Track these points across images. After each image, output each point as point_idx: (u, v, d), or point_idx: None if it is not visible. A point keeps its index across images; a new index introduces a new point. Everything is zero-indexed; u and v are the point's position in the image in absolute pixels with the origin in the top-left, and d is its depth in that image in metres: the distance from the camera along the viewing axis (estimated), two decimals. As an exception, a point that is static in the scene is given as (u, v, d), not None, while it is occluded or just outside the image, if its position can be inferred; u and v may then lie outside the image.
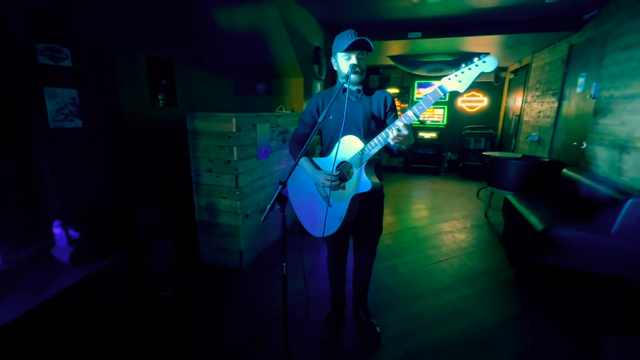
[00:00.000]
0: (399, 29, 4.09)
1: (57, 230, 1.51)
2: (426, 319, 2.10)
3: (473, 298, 2.34)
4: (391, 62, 6.00)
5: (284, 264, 1.43)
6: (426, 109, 1.32)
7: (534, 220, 2.61)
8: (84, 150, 1.96)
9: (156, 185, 2.72)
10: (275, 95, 3.73)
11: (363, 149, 1.47)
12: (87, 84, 1.97)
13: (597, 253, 2.30)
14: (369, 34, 4.39)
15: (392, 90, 7.30)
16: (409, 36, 4.08)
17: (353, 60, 1.52)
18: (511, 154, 4.58)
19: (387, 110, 1.68)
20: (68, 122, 1.86)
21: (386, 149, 1.52)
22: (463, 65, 1.25)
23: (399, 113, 1.60)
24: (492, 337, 1.94)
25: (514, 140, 5.60)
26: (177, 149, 2.82)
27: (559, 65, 4.06)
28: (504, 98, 6.59)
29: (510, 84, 6.27)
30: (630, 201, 2.22)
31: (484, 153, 4.78)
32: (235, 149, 2.45)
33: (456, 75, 1.25)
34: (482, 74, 1.23)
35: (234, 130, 2.41)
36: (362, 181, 1.50)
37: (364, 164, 1.49)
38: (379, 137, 1.42)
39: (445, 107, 7.11)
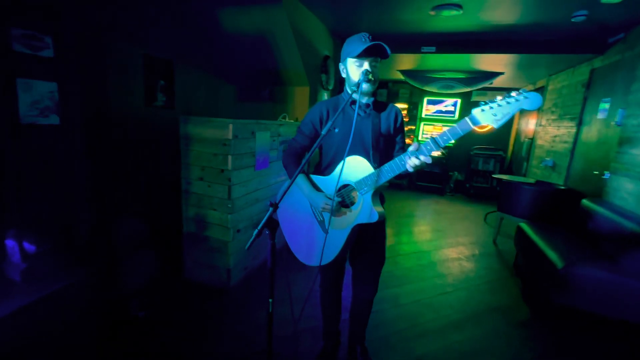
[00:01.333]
0: (412, 42, 3.93)
1: (9, 242, 1.29)
2: (431, 364, 1.84)
3: (485, 340, 2.08)
4: (400, 77, 5.85)
5: (270, 300, 1.20)
6: (452, 139, 1.13)
7: (552, 255, 2.37)
8: (59, 150, 1.76)
9: (141, 192, 2.52)
10: (279, 103, 3.56)
11: (373, 174, 1.27)
12: (70, 78, 1.79)
13: (627, 298, 2.05)
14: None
15: (401, 106, 7.14)
16: (422, 50, 3.92)
17: (366, 66, 1.33)
18: (524, 179, 4.35)
19: (397, 127, 1.49)
20: (43, 118, 1.67)
21: None
22: (499, 97, 1.06)
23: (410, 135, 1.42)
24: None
25: (525, 163, 5.37)
26: (169, 154, 2.63)
27: (578, 88, 3.86)
28: (516, 120, 6.40)
29: (522, 106, 6.08)
30: (666, 243, 1.97)
31: (494, 176, 4.56)
32: (230, 157, 2.25)
33: (491, 108, 1.06)
34: (521, 110, 1.04)
35: (230, 137, 2.21)
36: (369, 210, 1.29)
37: (371, 191, 1.29)
38: (393, 164, 1.25)
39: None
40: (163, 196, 2.64)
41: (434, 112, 7.07)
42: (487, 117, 1.07)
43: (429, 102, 7.05)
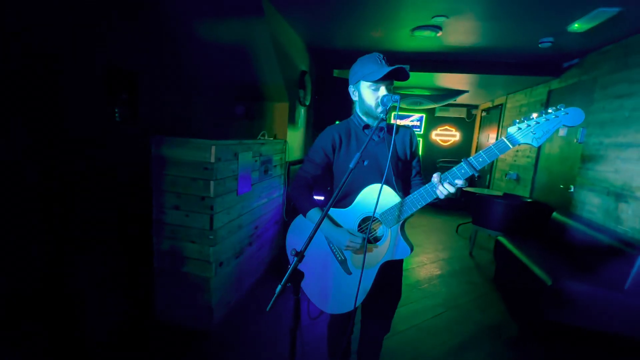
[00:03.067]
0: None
1: None
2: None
3: (487, 365, 2.04)
4: (370, 92, 5.92)
5: (292, 367, 1.00)
6: (488, 162, 1.05)
7: (538, 271, 2.43)
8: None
9: (103, 224, 2.15)
10: (256, 119, 3.35)
11: (401, 204, 1.16)
12: (12, 101, 1.45)
13: (612, 311, 2.14)
14: (354, 62, 4.26)
15: (369, 120, 7.25)
16: (397, 68, 3.98)
17: (383, 91, 1.22)
18: (491, 191, 4.56)
19: (413, 150, 1.40)
20: (-23, 144, 1.32)
21: None
22: (534, 115, 1.00)
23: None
24: None
25: (488, 176, 5.68)
26: (134, 178, 2.29)
27: (537, 108, 4.17)
28: (476, 134, 6.79)
29: (482, 121, 6.49)
30: (642, 256, 2.10)
31: (464, 189, 4.72)
32: (212, 183, 2.00)
33: (528, 126, 1.00)
34: (562, 126, 0.98)
35: (213, 160, 1.98)
36: (400, 245, 1.18)
37: (399, 223, 1.17)
38: (423, 191, 1.14)
39: (421, 139, 7.18)
40: (129, 228, 2.29)
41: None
42: (526, 136, 1.00)
43: (396, 117, 7.23)
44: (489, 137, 5.89)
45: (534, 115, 1.01)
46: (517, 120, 1.03)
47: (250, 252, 2.66)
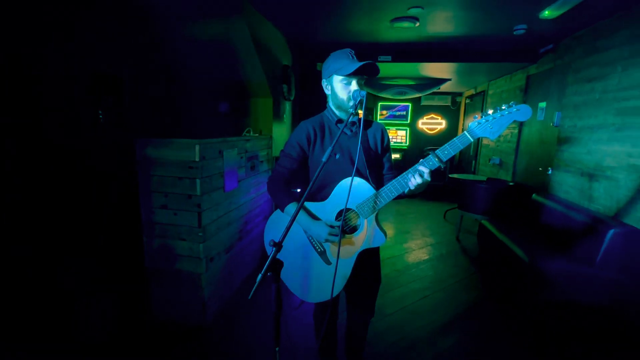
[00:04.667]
0: (369, 52, 4.02)
1: None
2: (429, 378, 1.85)
3: (471, 342, 2.15)
4: (356, 84, 5.97)
5: (277, 349, 1.07)
6: (453, 153, 1.14)
7: (519, 251, 2.55)
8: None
9: (91, 226, 2.18)
10: (240, 116, 3.37)
11: (376, 195, 1.22)
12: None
13: (585, 284, 2.27)
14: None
15: (356, 111, 7.31)
16: (379, 59, 4.03)
17: (354, 86, 1.26)
18: (475, 177, 4.69)
19: (384, 145, 1.45)
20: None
21: None
22: (490, 111, 1.11)
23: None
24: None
25: (474, 162, 5.81)
26: (121, 180, 2.32)
27: (517, 93, 4.27)
28: (461, 121, 6.91)
29: (466, 109, 6.60)
30: (611, 232, 2.23)
31: (450, 175, 4.84)
32: (198, 181, 2.04)
33: (487, 121, 1.10)
34: (514, 120, 1.10)
35: (197, 159, 2.01)
36: (376, 234, 1.25)
37: (374, 214, 1.24)
38: (396, 183, 1.21)
39: (408, 128, 7.27)
40: (118, 229, 2.32)
41: (388, 116, 7.35)
42: (484, 130, 1.11)
43: (383, 107, 7.32)
44: (473, 123, 6.01)
45: (490, 111, 1.10)
46: (477, 116, 1.12)
47: (241, 247, 2.72)
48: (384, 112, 7.33)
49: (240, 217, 2.67)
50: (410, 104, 7.22)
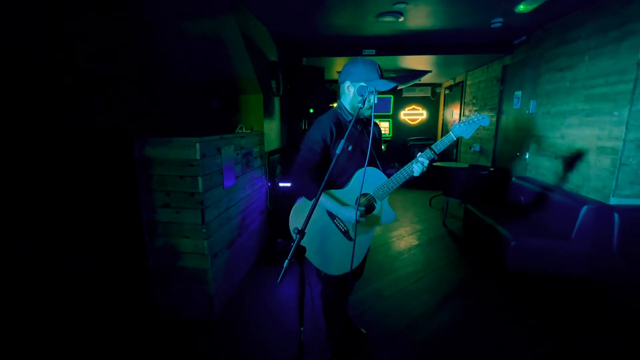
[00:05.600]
0: (354, 46, 4.10)
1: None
2: (431, 347, 1.99)
3: (464, 315, 2.32)
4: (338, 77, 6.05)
5: (302, 329, 1.16)
6: (443, 148, 1.46)
7: (504, 231, 2.74)
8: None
9: (90, 226, 2.17)
10: (231, 113, 3.38)
11: (388, 182, 1.47)
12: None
13: (563, 258, 2.49)
14: (321, 50, 4.34)
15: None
16: (363, 53, 4.12)
17: (372, 100, 1.38)
18: (458, 164, 4.91)
19: (380, 138, 1.75)
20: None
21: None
22: (464, 118, 1.47)
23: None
24: None
25: (455, 150, 6.06)
26: (119, 180, 2.31)
27: (494, 83, 4.50)
28: (441, 111, 7.15)
29: (446, 99, 6.83)
30: (584, 208, 2.45)
31: (434, 164, 5.05)
32: (200, 179, 2.08)
33: (464, 124, 1.46)
34: (480, 126, 1.50)
35: (198, 157, 2.05)
36: (388, 213, 1.52)
37: (387, 196, 1.49)
38: (403, 171, 1.47)
39: (390, 120, 7.45)
40: (118, 229, 2.32)
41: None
42: (462, 131, 1.46)
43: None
44: (453, 113, 6.25)
45: (463, 118, 1.48)
46: (457, 120, 1.41)
47: (241, 243, 2.77)
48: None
49: (239, 213, 2.72)
50: (392, 96, 7.38)
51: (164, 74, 2.79)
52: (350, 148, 1.50)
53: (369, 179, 1.46)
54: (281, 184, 3.64)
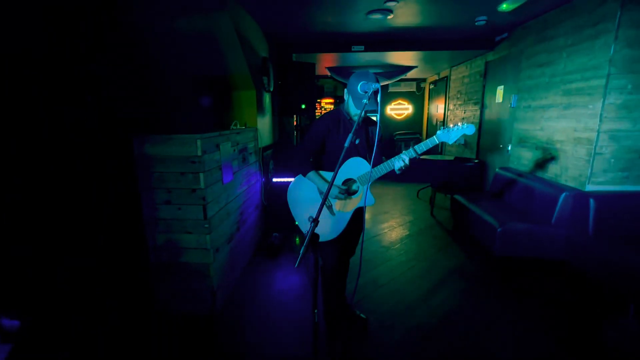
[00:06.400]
0: (343, 42, 4.17)
1: (-20, 323, 1.03)
2: (427, 329, 2.12)
3: (455, 298, 2.47)
4: (326, 73, 6.11)
5: (316, 311, 1.24)
6: (425, 149, 1.62)
7: (490, 219, 2.91)
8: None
9: (91, 227, 2.17)
10: (224, 109, 3.39)
11: (371, 171, 1.62)
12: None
13: (544, 242, 2.67)
14: (311, 46, 4.38)
15: (327, 100, 7.46)
16: (352, 49, 4.19)
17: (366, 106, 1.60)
18: (444, 157, 5.09)
19: (379, 138, 1.82)
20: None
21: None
22: (450, 125, 1.61)
23: None
24: (488, 335, 2.06)
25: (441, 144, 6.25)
26: (118, 179, 2.31)
27: (477, 78, 4.68)
28: (426, 106, 7.34)
29: (430, 93, 7.01)
30: (563, 195, 2.64)
31: (421, 157, 5.20)
32: (201, 175, 2.11)
33: (448, 131, 1.60)
34: (464, 134, 1.60)
35: (200, 153, 2.08)
36: (369, 197, 1.67)
37: (369, 183, 1.63)
38: (385, 165, 1.66)
39: (377, 115, 7.57)
40: (117, 228, 2.32)
41: (358, 104, 7.59)
42: (445, 137, 1.60)
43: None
44: (438, 107, 6.43)
45: (450, 125, 1.61)
46: (441, 127, 1.61)
47: (239, 237, 2.81)
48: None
49: (237, 208, 2.76)
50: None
51: (157, 71, 2.77)
52: (357, 141, 1.73)
53: (355, 167, 1.73)
54: (275, 179, 3.69)
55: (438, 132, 1.62)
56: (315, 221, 1.14)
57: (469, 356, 1.90)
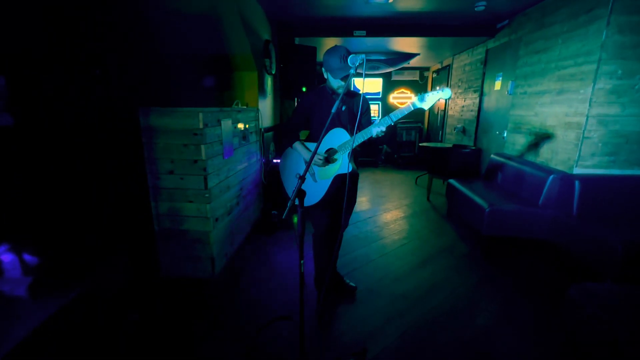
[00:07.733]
0: (345, 26, 4.22)
1: (5, 257, 1.17)
2: (412, 298, 2.26)
3: (442, 272, 2.60)
4: (330, 59, 6.15)
5: (302, 262, 1.37)
6: (400, 117, 1.70)
7: (480, 200, 3.01)
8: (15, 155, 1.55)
9: (100, 193, 2.31)
10: (228, 90, 3.49)
11: (349, 140, 1.76)
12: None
13: (531, 222, 2.77)
14: (314, 30, 4.43)
15: (330, 87, 7.51)
16: (354, 34, 4.24)
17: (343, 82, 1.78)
18: (443, 144, 5.16)
19: (363, 111, 1.95)
20: (-7, 119, 1.45)
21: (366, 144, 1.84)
22: (429, 91, 1.69)
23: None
24: (469, 304, 2.19)
25: (440, 132, 6.31)
26: (121, 150, 2.44)
27: (478, 66, 4.71)
28: (428, 95, 7.35)
29: (433, 82, 7.03)
30: (551, 177, 2.73)
31: (420, 144, 5.29)
32: (203, 147, 2.23)
33: (424, 97, 1.69)
34: (440, 98, 1.68)
35: (201, 126, 2.19)
36: (346, 164, 1.81)
37: (347, 152, 1.76)
38: (363, 133, 1.75)
39: (380, 103, 7.62)
40: (125, 195, 2.46)
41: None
42: (421, 101, 1.69)
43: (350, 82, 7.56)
44: (440, 96, 6.46)
45: (429, 91, 1.67)
46: (419, 94, 1.68)
47: (238, 212, 2.95)
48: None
49: (237, 183, 2.89)
50: (382, 79, 7.53)
51: (162, 50, 2.87)
52: (335, 106, 1.72)
53: (337, 138, 1.87)
54: (275, 161, 3.81)
55: (414, 98, 1.71)
56: (302, 178, 1.26)
57: (449, 320, 2.03)
